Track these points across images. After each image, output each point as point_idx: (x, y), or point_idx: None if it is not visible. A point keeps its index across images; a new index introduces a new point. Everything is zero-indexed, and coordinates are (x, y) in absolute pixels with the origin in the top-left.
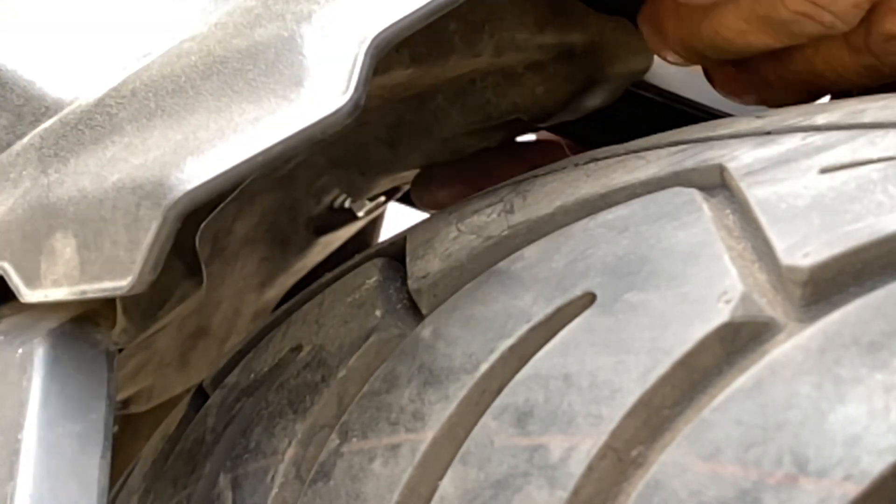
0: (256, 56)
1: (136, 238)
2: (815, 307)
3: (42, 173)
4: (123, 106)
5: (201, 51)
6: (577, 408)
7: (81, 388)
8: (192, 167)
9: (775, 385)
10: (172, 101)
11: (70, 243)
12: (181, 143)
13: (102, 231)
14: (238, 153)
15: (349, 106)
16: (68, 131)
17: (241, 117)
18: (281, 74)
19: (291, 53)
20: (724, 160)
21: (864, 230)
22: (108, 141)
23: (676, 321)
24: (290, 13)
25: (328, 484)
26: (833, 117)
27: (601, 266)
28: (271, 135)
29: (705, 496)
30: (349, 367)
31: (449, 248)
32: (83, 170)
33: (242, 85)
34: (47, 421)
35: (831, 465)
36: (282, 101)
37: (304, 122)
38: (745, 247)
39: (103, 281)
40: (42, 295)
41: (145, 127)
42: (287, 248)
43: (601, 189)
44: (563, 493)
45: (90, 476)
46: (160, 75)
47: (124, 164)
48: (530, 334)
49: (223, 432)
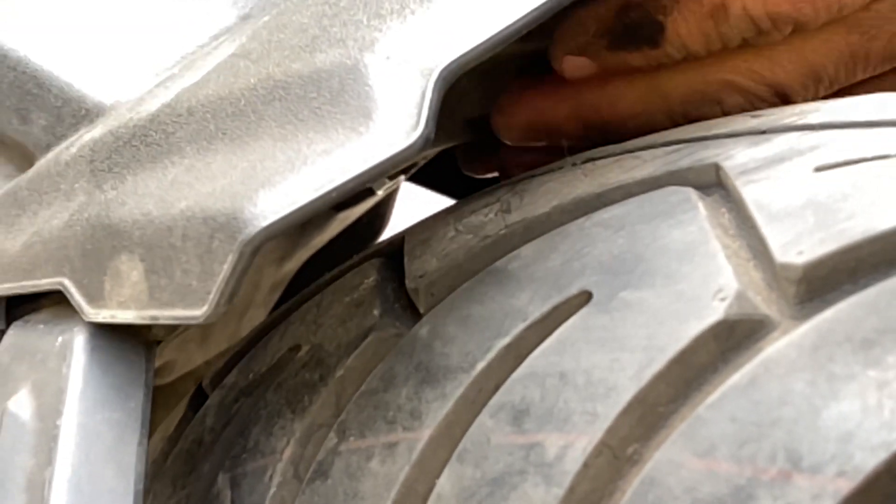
0: (320, 83)
1: (209, 269)
2: (809, 305)
3: (97, 188)
4: (180, 125)
5: (259, 73)
6: (572, 406)
7: (120, 377)
8: (266, 201)
9: (769, 382)
10: (234, 124)
11: (137, 267)
12: (249, 172)
13: (172, 259)
14: (312, 188)
15: (420, 142)
16: (122, 146)
17: (310, 148)
18: (347, 105)
19: (356, 83)
20: (720, 159)
21: (858, 228)
22: (167, 161)
23: (671, 319)
24: (351, 39)
25: (326, 483)
26: (827, 116)
27: (597, 265)
28: (345, 169)
29: (700, 493)
30: (347, 366)
31: (446, 248)
32: (144, 191)
33: (307, 113)
34: (86, 408)
35: (825, 461)
36: (351, 133)
37: (377, 158)
38: (740, 245)
39: (175, 308)
40: (108, 315)
41: (206, 150)
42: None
43: (597, 188)
44: (559, 491)
45: (127, 462)
46: (217, 96)
47: (189, 191)
48: (526, 333)
49: (222, 432)
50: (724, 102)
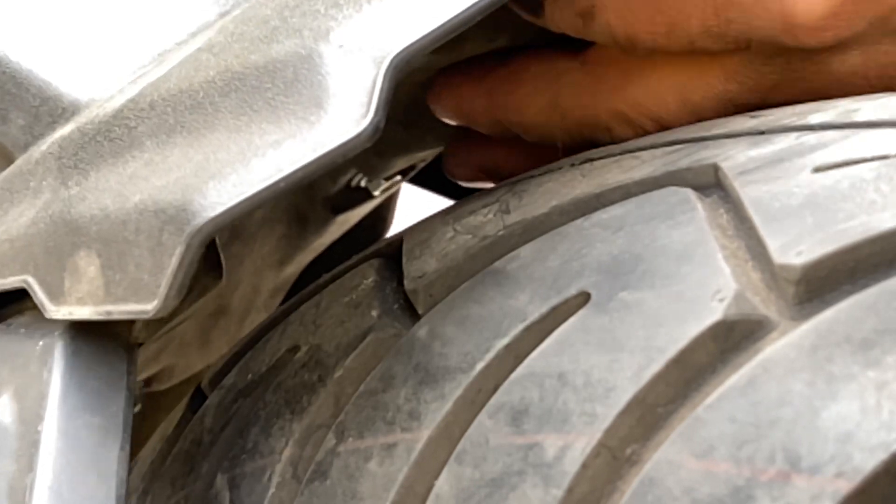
0: (275, 74)
1: (160, 263)
2: (808, 305)
3: (62, 185)
4: (142, 119)
5: (219, 65)
6: (571, 406)
7: (101, 381)
8: (215, 192)
9: (768, 383)
10: (192, 117)
11: (94, 262)
12: (202, 164)
13: (126, 253)
14: (260, 179)
15: (369, 130)
16: (87, 142)
17: (262, 139)
18: (300, 95)
19: (310, 73)
20: (719, 160)
21: (857, 228)
22: (128, 156)
23: (670, 320)
24: (308, 29)
25: (325, 483)
26: (827, 116)
27: (596, 265)
28: (292, 160)
29: (699, 493)
30: (346, 366)
31: (445, 248)
32: (104, 186)
33: (262, 104)
34: (67, 413)
35: (823, 462)
36: (302, 123)
37: (325, 148)
38: (739, 246)
39: (129, 303)
40: (67, 312)
41: (165, 143)
42: (305, 227)
43: (596, 189)
44: (558, 492)
45: (109, 468)
46: (178, 89)
47: (145, 184)
48: (525, 333)
49: (220, 433)
50: (613, 130)
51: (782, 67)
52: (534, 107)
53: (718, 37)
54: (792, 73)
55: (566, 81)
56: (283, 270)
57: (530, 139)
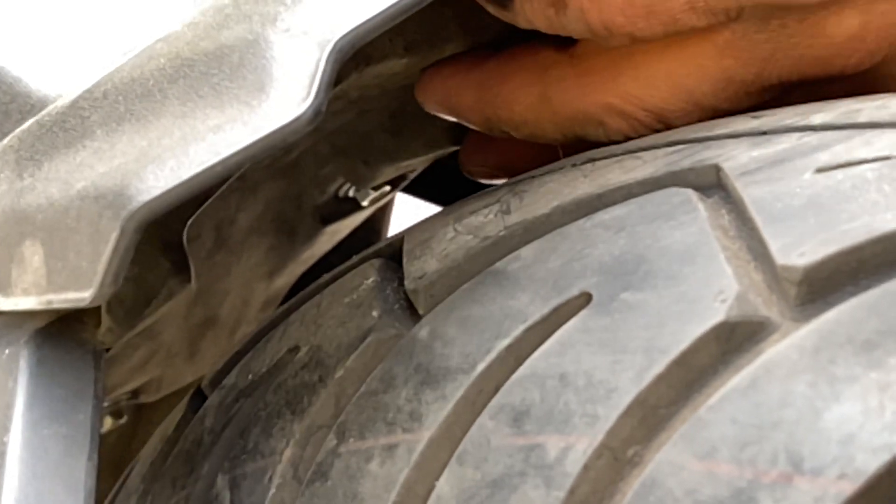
0: (222, 59)
1: (98, 249)
2: (810, 306)
3: (18, 177)
4: (95, 109)
5: (170, 53)
6: (573, 407)
7: (68, 389)
8: (151, 177)
9: (771, 384)
10: (141, 105)
11: (38, 252)
12: (145, 150)
13: (68, 240)
14: (196, 163)
15: (309, 114)
16: (43, 133)
17: (204, 124)
18: (244, 80)
19: (255, 57)
20: (721, 160)
21: (860, 229)
22: (79, 145)
23: (672, 321)
24: (257, 14)
25: (325, 484)
26: (829, 117)
27: (597, 266)
28: (229, 144)
29: (701, 495)
30: (346, 367)
31: (446, 249)
32: (54, 176)
33: (207, 90)
34: (33, 423)
35: (826, 463)
36: (244, 107)
37: (264, 131)
38: (741, 246)
39: (68, 291)
40: (13, 303)
41: (114, 131)
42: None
43: (598, 189)
44: (560, 493)
45: (76, 478)
46: (130, 77)
47: (90, 171)
48: (527, 334)
49: (221, 433)
50: (607, 125)
51: (777, 33)
52: (522, 102)
53: (705, 10)
54: (788, 38)
55: (555, 75)
56: (273, 282)
57: (521, 137)
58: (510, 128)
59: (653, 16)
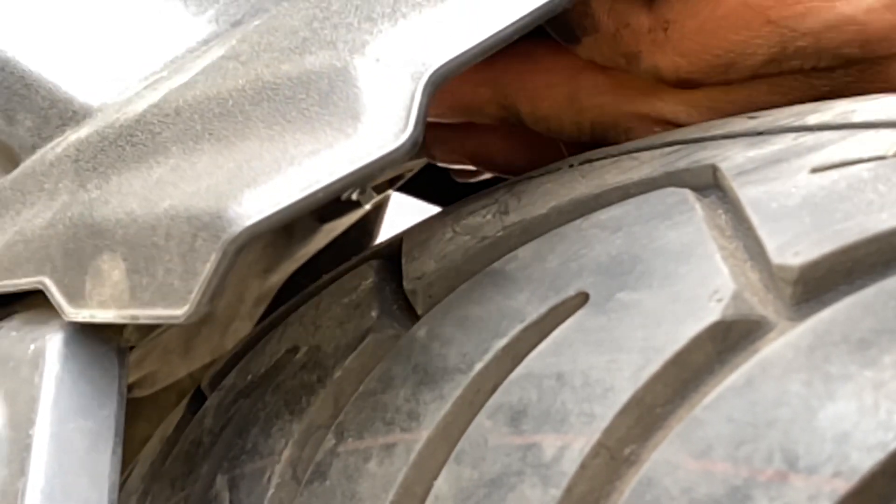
0: (309, 85)
1: (192, 269)
2: (805, 305)
3: (81, 188)
4: (167, 125)
5: (248, 74)
6: (570, 406)
7: (93, 385)
8: (251, 200)
9: (766, 383)
10: (221, 125)
11: (118, 266)
12: (235, 172)
13: (155, 258)
14: (298, 188)
15: (408, 144)
16: (107, 146)
17: (297, 149)
18: (336, 107)
19: (346, 85)
20: (717, 160)
21: (855, 229)
22: (152, 161)
23: (668, 320)
24: (342, 41)
25: (324, 484)
26: (824, 117)
27: (594, 266)
28: (331, 170)
29: (696, 493)
30: (345, 367)
31: (444, 249)
32: (128, 190)
33: (296, 114)
34: (59, 417)
35: (821, 461)
36: (339, 134)
37: (365, 160)
38: (737, 246)
39: (156, 308)
40: (88, 315)
41: (192, 150)
42: (291, 236)
43: (595, 189)
44: (557, 492)
45: (101, 472)
46: (205, 96)
47: (174, 190)
48: (524, 334)
49: (220, 433)
50: (633, 132)
51: (839, 78)
52: (549, 99)
53: (781, 62)
54: (846, 83)
55: (587, 80)
56: (267, 279)
57: (537, 129)
58: (530, 121)
59: (732, 70)
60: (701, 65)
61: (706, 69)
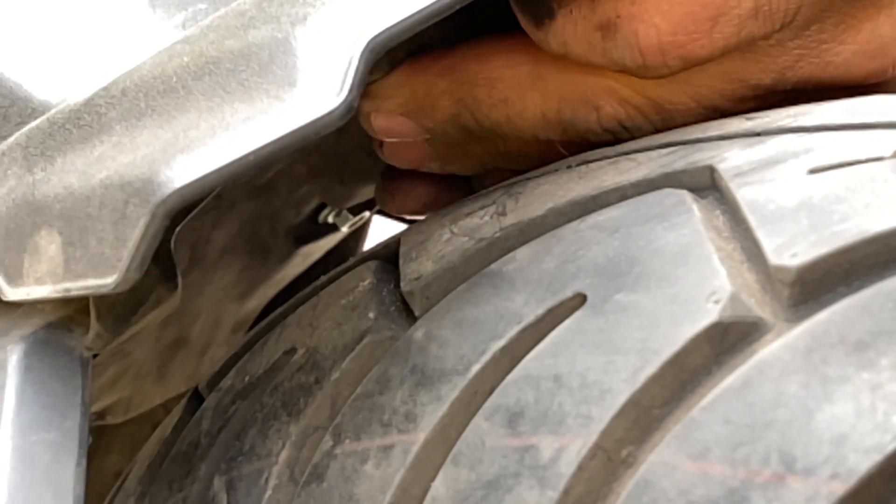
0: (250, 57)
1: (123, 235)
2: (803, 307)
3: (27, 172)
4: (113, 105)
5: (193, 52)
6: (567, 408)
7: (56, 396)
8: (182, 165)
9: (763, 384)
10: (163, 100)
11: (55, 240)
12: (171, 141)
13: (88, 228)
14: (229, 152)
15: (343, 107)
16: (56, 130)
17: (233, 117)
18: (274, 75)
19: (285, 55)
20: (714, 161)
21: (852, 230)
22: (96, 140)
23: (666, 321)
24: (285, 15)
25: (321, 485)
26: (822, 118)
27: (592, 267)
28: (263, 134)
29: (694, 495)
30: (342, 369)
31: (441, 251)
32: (70, 168)
33: (235, 85)
34: (21, 429)
35: (818, 463)
36: (274, 101)
37: (297, 123)
38: (735, 247)
39: (87, 279)
40: (24, 293)
41: (135, 126)
42: (267, 259)
43: (592, 191)
44: (554, 494)
45: (65, 485)
46: (151, 75)
47: (112, 162)
48: (521, 335)
49: (218, 435)
50: (602, 109)
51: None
52: (507, 80)
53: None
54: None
55: (551, 58)
56: (245, 304)
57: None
58: (485, 110)
59: (717, 28)
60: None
61: (690, 26)
